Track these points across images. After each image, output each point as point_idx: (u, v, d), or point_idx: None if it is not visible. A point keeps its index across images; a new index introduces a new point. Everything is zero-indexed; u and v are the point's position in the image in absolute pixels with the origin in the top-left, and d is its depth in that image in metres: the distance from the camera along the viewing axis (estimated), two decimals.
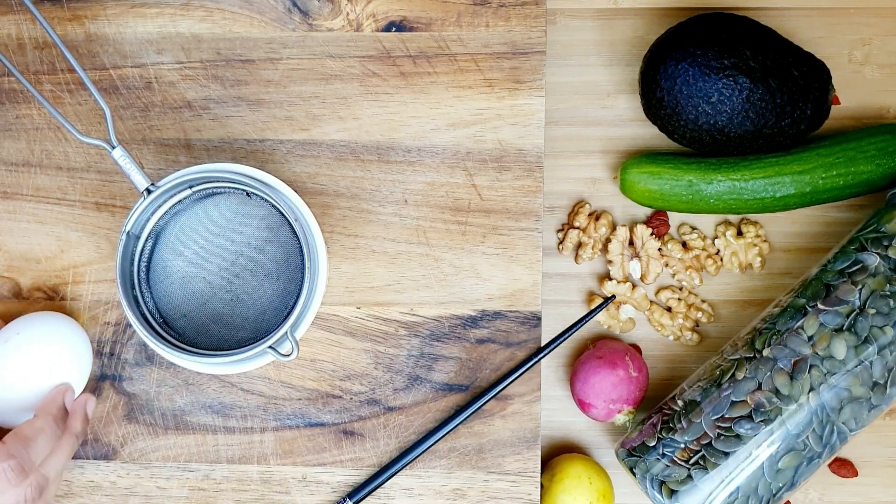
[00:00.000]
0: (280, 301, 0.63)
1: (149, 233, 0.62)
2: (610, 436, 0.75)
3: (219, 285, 0.63)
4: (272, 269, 0.63)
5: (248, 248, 0.63)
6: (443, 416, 0.68)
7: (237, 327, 0.63)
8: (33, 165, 0.70)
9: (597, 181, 0.76)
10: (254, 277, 0.63)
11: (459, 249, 0.69)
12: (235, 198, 0.63)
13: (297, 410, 0.68)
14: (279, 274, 0.63)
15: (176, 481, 0.68)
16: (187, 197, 0.63)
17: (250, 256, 0.63)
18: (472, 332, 0.68)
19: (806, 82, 0.70)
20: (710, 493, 0.65)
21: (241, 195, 0.63)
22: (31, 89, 0.62)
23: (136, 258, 0.62)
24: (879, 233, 0.67)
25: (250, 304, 0.63)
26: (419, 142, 0.69)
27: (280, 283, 0.63)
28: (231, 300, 0.63)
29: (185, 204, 0.63)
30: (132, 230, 0.61)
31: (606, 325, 0.75)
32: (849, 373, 0.64)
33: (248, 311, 0.63)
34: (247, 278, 0.63)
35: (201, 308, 0.63)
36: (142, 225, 0.62)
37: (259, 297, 0.63)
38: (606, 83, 0.76)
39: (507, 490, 0.68)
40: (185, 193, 0.62)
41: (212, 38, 0.70)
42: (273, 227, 0.63)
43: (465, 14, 0.70)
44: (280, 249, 0.63)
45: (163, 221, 0.63)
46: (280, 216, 0.62)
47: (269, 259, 0.63)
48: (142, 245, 0.62)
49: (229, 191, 0.63)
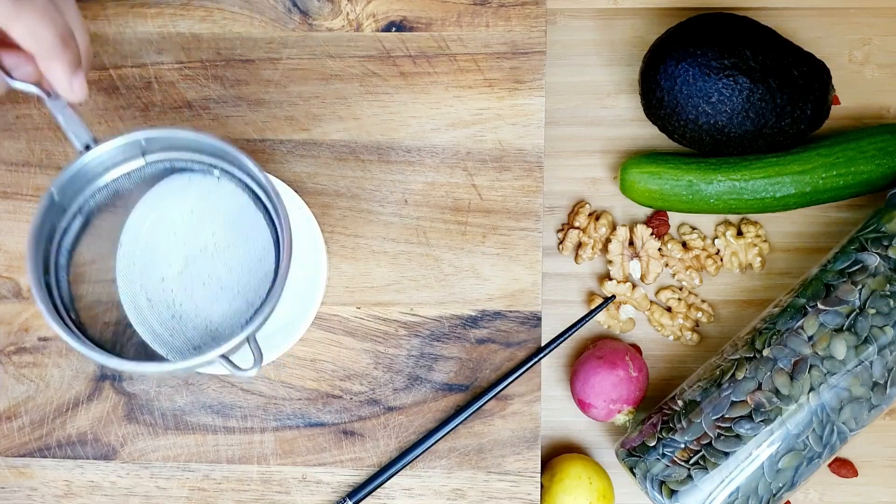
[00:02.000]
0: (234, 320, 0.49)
1: (78, 207, 0.49)
2: (610, 436, 0.75)
3: (158, 298, 0.49)
4: (231, 281, 0.50)
5: (205, 252, 0.50)
6: (443, 416, 0.68)
7: (175, 350, 0.50)
8: (33, 165, 0.70)
9: (597, 181, 0.76)
10: (206, 289, 0.49)
11: (459, 249, 0.69)
12: (199, 181, 0.51)
13: (297, 410, 0.68)
14: (241, 287, 0.50)
15: (176, 481, 0.68)
16: (137, 170, 0.50)
17: (206, 263, 0.50)
18: (472, 332, 0.68)
19: (806, 82, 0.70)
20: (710, 493, 0.65)
21: (208, 177, 0.50)
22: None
23: (56, 236, 0.49)
24: (879, 233, 0.67)
25: (196, 324, 0.50)
26: (419, 142, 0.69)
27: (239, 297, 0.49)
28: (172, 317, 0.49)
29: (131, 180, 0.50)
30: (58, 198, 0.48)
31: (606, 325, 0.75)
32: (849, 373, 0.64)
33: (191, 332, 0.50)
34: (196, 291, 0.49)
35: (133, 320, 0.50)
36: (72, 194, 0.49)
37: (209, 316, 0.50)
38: (606, 83, 0.76)
39: (508, 490, 0.68)
40: (137, 164, 0.50)
41: (212, 38, 0.70)
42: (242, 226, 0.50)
43: (465, 14, 0.70)
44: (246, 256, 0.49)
45: (99, 197, 0.50)
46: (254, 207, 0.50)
47: (229, 268, 0.50)
48: (67, 221, 0.49)
49: (192, 167, 0.50)
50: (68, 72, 0.50)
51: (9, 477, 0.68)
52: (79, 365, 0.68)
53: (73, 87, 0.50)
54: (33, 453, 0.68)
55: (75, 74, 0.50)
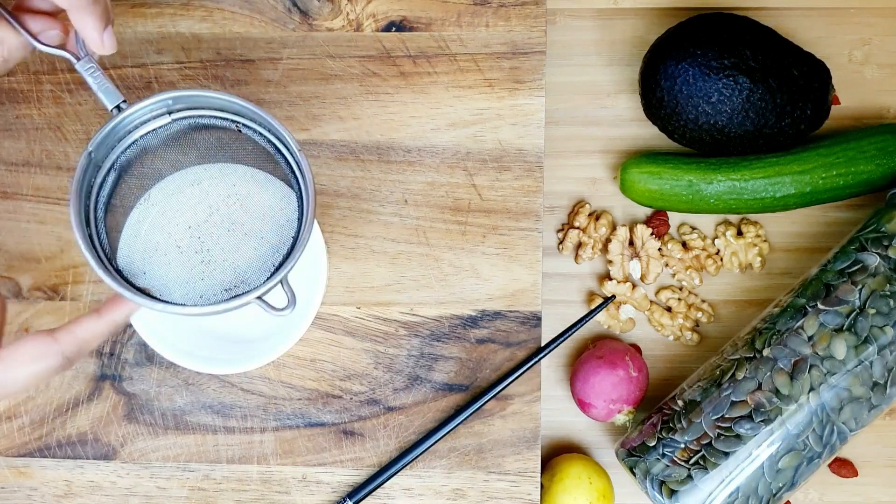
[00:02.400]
0: (260, 265, 0.55)
1: (112, 163, 0.54)
2: (610, 436, 0.75)
3: (186, 245, 0.55)
4: (254, 227, 0.55)
5: (227, 201, 0.56)
6: (443, 416, 0.68)
7: (208, 292, 0.55)
8: (33, 165, 0.70)
9: (597, 181, 0.76)
10: (231, 236, 0.55)
11: (459, 249, 0.69)
12: (221, 134, 0.55)
13: (297, 410, 0.68)
14: (263, 233, 0.55)
15: (176, 481, 0.68)
16: (164, 126, 0.54)
17: (229, 212, 0.55)
18: (472, 332, 0.68)
19: (806, 82, 0.70)
20: (710, 493, 0.65)
21: (229, 131, 0.55)
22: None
23: (93, 191, 0.54)
24: (879, 233, 0.67)
25: (223, 268, 0.55)
26: (419, 142, 0.69)
27: (263, 243, 0.55)
28: (201, 262, 0.55)
29: (158, 135, 0.54)
30: (94, 155, 0.53)
31: (606, 325, 0.75)
32: (849, 373, 0.64)
33: (220, 275, 0.55)
34: (222, 237, 0.55)
35: (164, 268, 0.55)
36: (105, 151, 0.54)
37: (236, 260, 0.55)
38: (606, 83, 0.76)
39: (508, 490, 0.68)
40: (163, 121, 0.54)
41: (212, 37, 0.70)
42: (260, 179, 0.56)
43: (465, 14, 0.70)
44: (267, 203, 0.55)
45: (130, 153, 0.54)
46: (272, 162, 0.55)
47: (252, 216, 0.56)
48: (102, 177, 0.54)
49: (216, 123, 0.54)
50: (99, 26, 0.52)
51: (9, 477, 0.68)
52: (79, 365, 0.68)
53: (105, 40, 0.53)
54: (33, 453, 0.68)
55: (106, 28, 0.53)
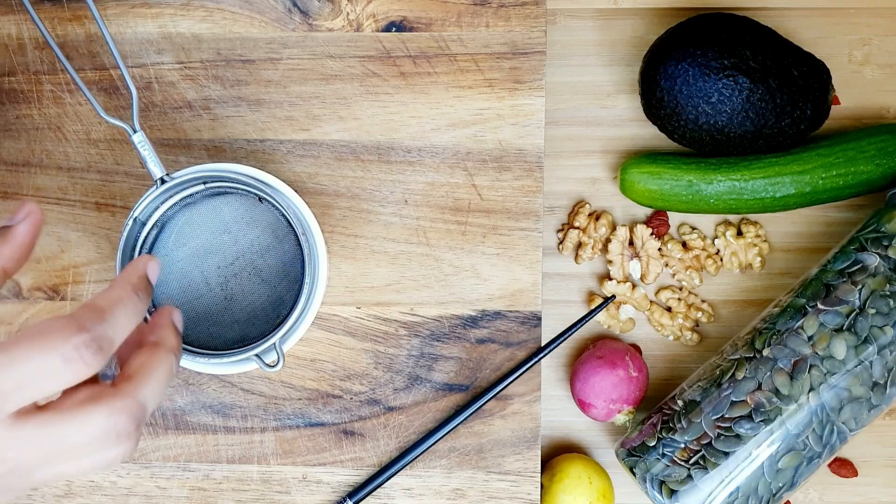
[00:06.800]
0: (272, 308, 0.63)
1: (155, 221, 0.63)
2: (610, 436, 0.75)
3: (215, 282, 0.63)
4: (270, 276, 0.63)
5: (249, 251, 0.63)
6: (443, 416, 0.68)
7: (226, 327, 0.63)
8: (33, 165, 0.70)
9: (597, 181, 0.76)
10: (251, 280, 0.63)
11: (459, 249, 0.69)
12: (246, 200, 0.64)
13: (298, 410, 0.68)
14: (277, 282, 0.63)
15: (176, 481, 0.68)
16: (199, 192, 0.63)
17: (251, 259, 0.63)
18: (472, 332, 0.68)
19: (806, 82, 0.70)
20: (710, 493, 0.65)
21: (252, 198, 0.63)
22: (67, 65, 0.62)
23: (138, 244, 0.63)
24: (879, 233, 0.67)
25: (243, 305, 0.63)
26: (419, 142, 0.69)
27: (276, 290, 0.63)
28: (224, 298, 0.63)
29: (195, 198, 0.63)
30: (139, 216, 0.61)
31: (606, 325, 0.75)
32: (849, 373, 0.64)
33: (240, 312, 0.63)
34: (244, 279, 0.63)
35: (194, 302, 0.63)
36: (149, 213, 0.63)
37: (253, 301, 0.63)
38: (606, 83, 0.76)
39: (508, 490, 0.68)
40: (198, 188, 0.63)
41: (212, 38, 0.70)
42: (278, 235, 0.63)
43: (465, 14, 0.70)
44: (281, 257, 0.63)
45: (171, 212, 0.63)
46: (287, 225, 0.63)
47: (268, 265, 0.63)
48: (146, 232, 0.63)
49: (241, 192, 0.63)
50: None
51: None
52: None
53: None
54: None
55: None
